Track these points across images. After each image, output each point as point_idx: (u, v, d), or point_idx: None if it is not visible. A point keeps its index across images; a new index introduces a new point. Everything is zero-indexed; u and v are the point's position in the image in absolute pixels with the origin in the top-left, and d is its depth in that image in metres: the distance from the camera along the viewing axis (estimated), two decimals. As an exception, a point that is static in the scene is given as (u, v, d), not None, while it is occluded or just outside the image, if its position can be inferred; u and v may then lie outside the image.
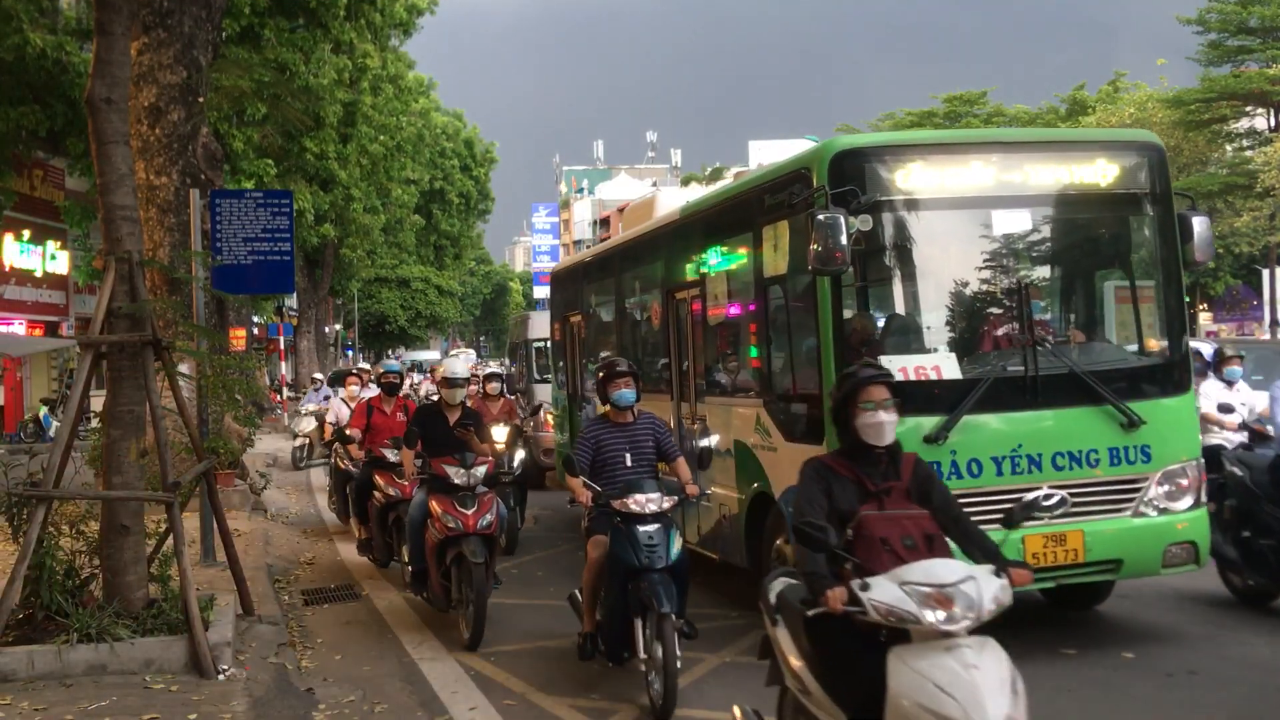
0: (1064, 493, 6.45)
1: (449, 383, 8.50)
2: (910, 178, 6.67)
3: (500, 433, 11.12)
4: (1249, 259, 37.74)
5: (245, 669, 6.49)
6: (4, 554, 8.55)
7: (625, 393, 6.54)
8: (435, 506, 7.65)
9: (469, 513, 7.51)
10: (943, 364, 6.60)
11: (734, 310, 8.55)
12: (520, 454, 11.49)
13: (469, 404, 9.37)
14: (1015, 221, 6.92)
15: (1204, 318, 43.87)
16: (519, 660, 7.11)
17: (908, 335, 6.92)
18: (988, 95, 46.12)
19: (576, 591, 6.81)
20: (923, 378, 6.52)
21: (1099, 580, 7.04)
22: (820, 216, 6.20)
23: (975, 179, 6.83)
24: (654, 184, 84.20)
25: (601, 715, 6.06)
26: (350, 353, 56.93)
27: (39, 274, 22.76)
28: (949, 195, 6.79)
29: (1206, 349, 11.84)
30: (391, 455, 9.60)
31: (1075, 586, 7.11)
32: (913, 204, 6.72)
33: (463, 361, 9.11)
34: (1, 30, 13.98)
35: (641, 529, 6.03)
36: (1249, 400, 9.65)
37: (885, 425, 4.07)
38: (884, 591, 3.52)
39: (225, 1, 13.63)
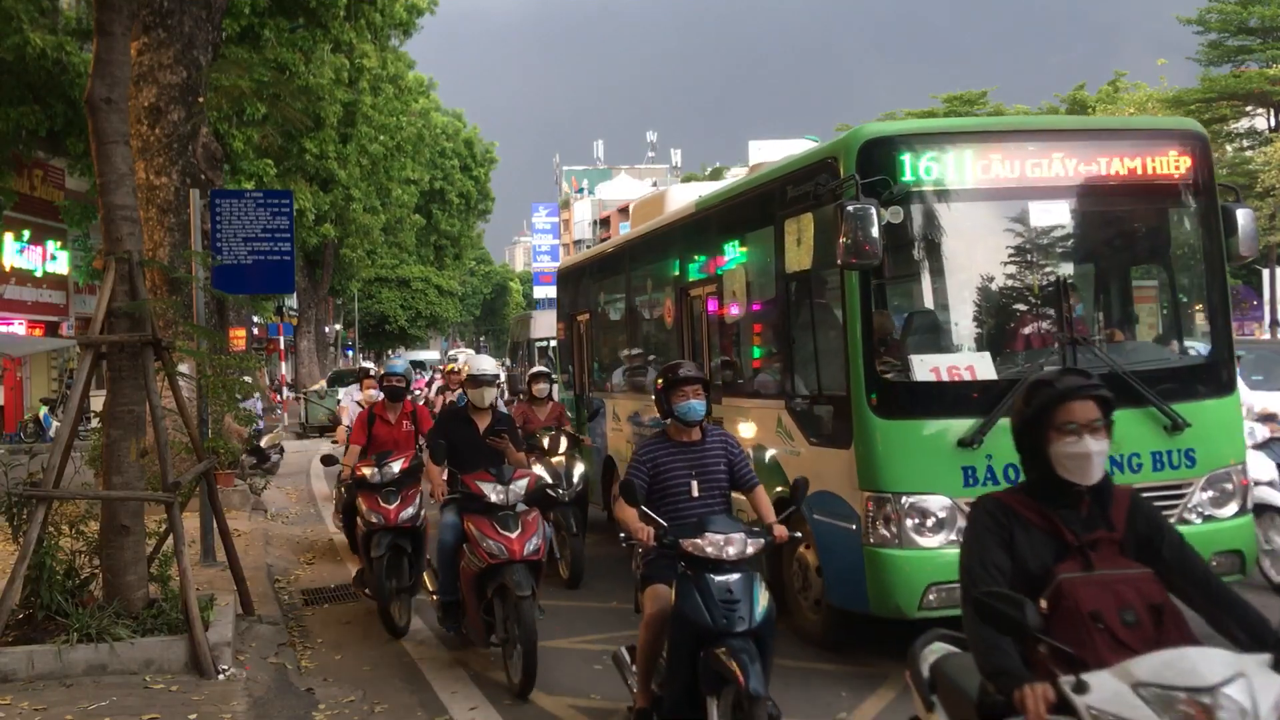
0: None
1: (476, 381, 7.25)
2: (944, 167, 6.40)
3: (556, 442, 9.72)
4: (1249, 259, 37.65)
5: (245, 669, 6.49)
6: (4, 554, 8.55)
7: (694, 404, 5.14)
8: (473, 529, 6.52)
9: (513, 536, 6.40)
10: (977, 364, 6.33)
11: (752, 307, 8.24)
12: (580, 467, 9.67)
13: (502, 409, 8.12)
14: (1053, 213, 6.63)
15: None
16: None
17: (939, 333, 6.63)
18: (988, 95, 45.97)
19: (623, 650, 5.51)
20: (956, 378, 6.27)
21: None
22: (850, 208, 5.97)
23: (1011, 168, 6.54)
24: (654, 184, 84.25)
25: (602, 715, 5.95)
26: (350, 353, 56.85)
27: (39, 274, 22.72)
28: (984, 186, 6.51)
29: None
30: (370, 473, 7.94)
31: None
32: (946, 194, 6.45)
33: (488, 357, 8.06)
34: (1, 30, 13.92)
35: (718, 580, 4.65)
36: (1245, 400, 9.51)
37: (1094, 457, 2.98)
38: (1109, 695, 2.55)
39: (225, 1, 13.58)
